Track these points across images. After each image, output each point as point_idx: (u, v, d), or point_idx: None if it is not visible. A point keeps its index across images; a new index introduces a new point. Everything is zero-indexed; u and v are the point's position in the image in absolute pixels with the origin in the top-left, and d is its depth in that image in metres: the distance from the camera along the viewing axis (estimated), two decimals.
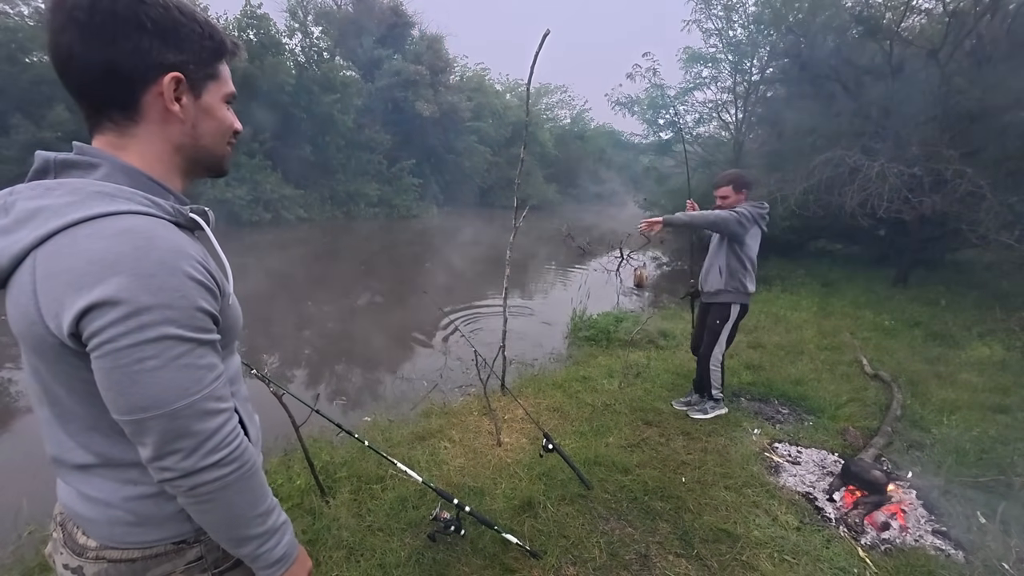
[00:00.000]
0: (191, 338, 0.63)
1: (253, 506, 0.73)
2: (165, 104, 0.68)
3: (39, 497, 2.57)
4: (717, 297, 3.24)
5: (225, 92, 0.76)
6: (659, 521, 2.35)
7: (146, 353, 0.60)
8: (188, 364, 0.63)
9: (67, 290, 0.58)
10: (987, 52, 7.56)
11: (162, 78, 0.66)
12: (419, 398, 4.14)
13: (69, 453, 0.71)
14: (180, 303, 0.62)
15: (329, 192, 20.43)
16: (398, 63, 23.54)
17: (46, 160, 0.66)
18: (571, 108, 41.01)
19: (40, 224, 0.60)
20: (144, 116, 0.68)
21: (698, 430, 3.25)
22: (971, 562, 2.15)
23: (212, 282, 0.67)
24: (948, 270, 9.29)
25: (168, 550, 0.74)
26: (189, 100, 0.71)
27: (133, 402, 0.61)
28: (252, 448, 0.73)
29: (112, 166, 0.66)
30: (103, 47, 0.63)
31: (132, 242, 0.60)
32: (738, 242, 3.07)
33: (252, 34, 17.20)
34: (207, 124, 0.74)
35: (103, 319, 0.58)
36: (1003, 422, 3.44)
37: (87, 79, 0.65)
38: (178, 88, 0.69)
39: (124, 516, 0.71)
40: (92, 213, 0.60)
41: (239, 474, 0.69)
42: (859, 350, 4.94)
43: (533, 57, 3.21)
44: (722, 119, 13.20)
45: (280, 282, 9.57)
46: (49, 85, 13.68)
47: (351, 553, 2.09)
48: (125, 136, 0.68)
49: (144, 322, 0.59)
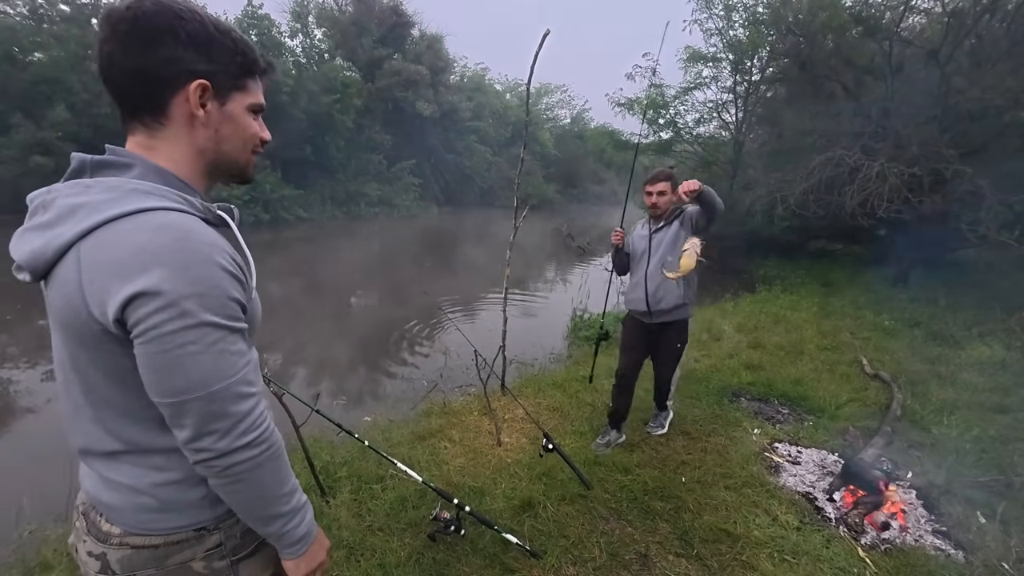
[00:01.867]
0: (225, 325, 0.68)
1: (280, 485, 0.77)
2: (191, 109, 0.73)
3: (39, 497, 2.57)
4: (676, 313, 2.77)
5: (250, 103, 0.80)
6: (659, 521, 2.35)
7: (188, 339, 0.65)
8: (223, 350, 0.68)
9: (112, 279, 0.62)
10: (987, 52, 7.56)
11: (190, 84, 0.72)
12: (419, 398, 4.14)
13: (98, 442, 0.74)
14: (215, 292, 0.67)
15: (329, 192, 20.45)
16: (398, 63, 23.56)
17: (82, 161, 0.71)
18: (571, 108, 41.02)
19: (82, 219, 0.64)
20: (172, 119, 0.73)
21: (698, 430, 3.25)
22: (971, 562, 2.15)
23: (241, 274, 0.72)
24: (948, 270, 9.27)
25: (189, 537, 0.77)
26: (214, 107, 0.75)
27: (176, 384, 0.66)
28: (277, 432, 0.76)
29: (145, 166, 0.71)
30: (140, 55, 0.69)
31: (171, 235, 0.64)
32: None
33: (253, 35, 17.21)
34: (229, 130, 0.78)
35: (147, 307, 0.62)
36: (1003, 422, 3.44)
37: (124, 84, 0.71)
38: (204, 95, 0.73)
39: (149, 502, 0.75)
40: (132, 208, 0.65)
41: (268, 454, 0.73)
42: (859, 350, 4.94)
43: (533, 57, 3.21)
44: (722, 119, 13.20)
45: (280, 282, 9.57)
46: (49, 84, 13.69)
47: (351, 553, 2.09)
48: (154, 138, 0.73)
49: (185, 310, 0.64)
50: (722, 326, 5.90)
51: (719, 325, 5.95)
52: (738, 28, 11.40)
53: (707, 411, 3.56)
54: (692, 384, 4.03)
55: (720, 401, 3.72)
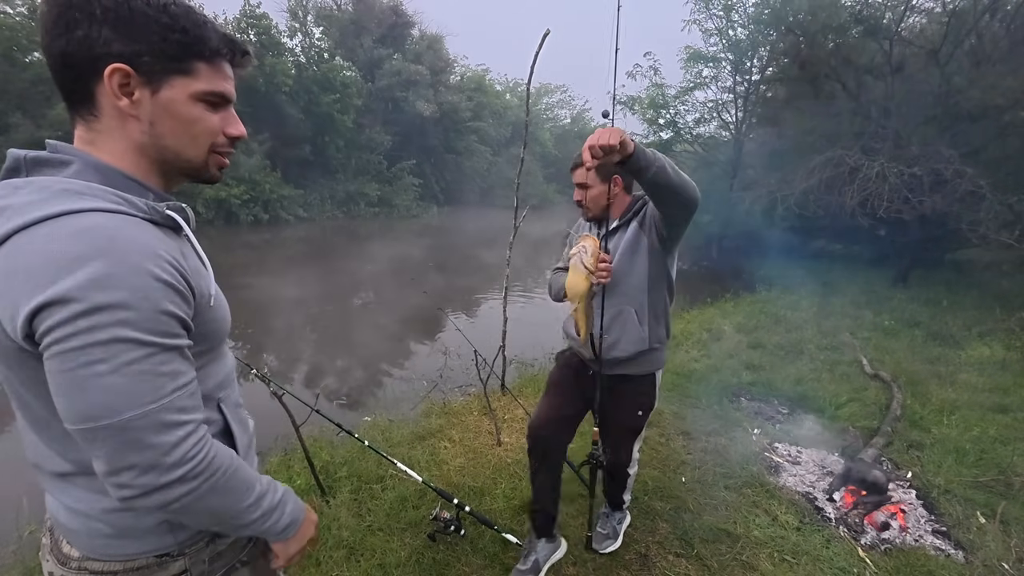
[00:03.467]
0: (150, 342, 0.59)
1: (238, 502, 0.71)
2: (113, 98, 0.64)
3: (39, 497, 2.57)
4: (639, 364, 1.78)
5: (198, 90, 0.67)
6: (659, 521, 2.35)
7: (95, 356, 0.56)
8: (145, 371, 0.59)
9: (22, 289, 0.55)
10: (987, 52, 7.56)
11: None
12: (419, 398, 4.14)
13: (47, 460, 0.69)
14: (140, 304, 0.58)
15: (329, 192, 20.45)
16: (398, 63, 23.56)
17: (17, 159, 0.63)
18: (571, 108, 41.02)
19: (1, 224, 0.57)
20: (102, 110, 0.65)
21: (698, 430, 3.25)
22: (971, 562, 2.15)
23: (183, 284, 0.63)
24: (948, 270, 9.28)
25: (150, 563, 0.71)
26: (144, 95, 0.65)
27: (80, 409, 0.57)
28: (224, 454, 0.68)
29: (84, 163, 0.64)
30: (59, 37, 0.61)
31: (92, 240, 0.57)
32: (670, 249, 1.68)
33: (252, 35, 17.21)
34: (167, 123, 0.67)
35: (53, 318, 0.55)
36: (1003, 422, 3.44)
37: (53, 71, 0.64)
38: (128, 81, 0.63)
39: (103, 528, 0.69)
40: (53, 211, 0.57)
41: (210, 484, 0.65)
42: (859, 350, 4.94)
43: (533, 57, 3.21)
44: (722, 119, 13.19)
45: (279, 282, 9.57)
46: (48, 84, 13.64)
47: (351, 553, 2.09)
48: (93, 131, 0.66)
49: (96, 323, 0.55)
50: (722, 326, 5.90)
51: (719, 325, 5.95)
52: (738, 28, 11.40)
53: (707, 411, 3.56)
54: (692, 384, 4.03)
55: (720, 401, 3.72)
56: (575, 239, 1.86)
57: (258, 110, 16.53)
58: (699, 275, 11.51)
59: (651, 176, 1.34)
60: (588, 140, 1.25)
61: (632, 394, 1.83)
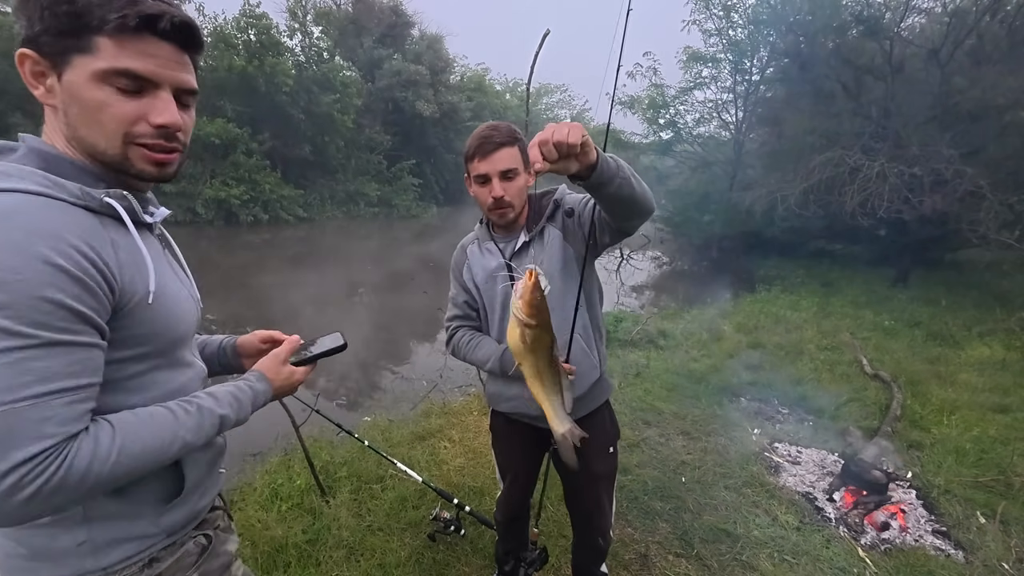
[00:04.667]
0: (20, 332, 0.52)
1: (163, 451, 0.63)
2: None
3: None
4: (592, 400, 1.49)
5: (99, 68, 0.59)
6: (659, 521, 2.35)
7: None
8: (7, 363, 0.52)
9: None
10: (987, 52, 7.56)
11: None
12: (419, 398, 4.14)
13: None
14: (18, 288, 0.52)
15: (329, 192, 20.44)
16: (398, 63, 23.54)
17: None
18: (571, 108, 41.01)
19: None
20: (39, 98, 0.63)
21: (698, 430, 3.25)
22: (971, 562, 2.15)
23: (95, 275, 0.57)
24: (948, 270, 9.28)
25: None
26: (54, 81, 0.60)
27: None
28: (85, 449, 0.57)
29: (28, 149, 0.62)
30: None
31: None
32: (594, 256, 1.37)
33: (252, 34, 17.20)
34: (73, 110, 0.61)
35: None
36: (1003, 422, 3.44)
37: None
38: (41, 68, 0.59)
39: (17, 548, 0.64)
40: None
41: (93, 482, 0.56)
42: (859, 350, 4.94)
43: (533, 57, 3.21)
44: (722, 119, 13.19)
45: (279, 282, 9.57)
46: None
47: (351, 553, 2.09)
48: (47, 120, 0.65)
49: None
50: (722, 326, 5.90)
51: (719, 325, 5.95)
52: (738, 28, 11.40)
53: (707, 411, 3.56)
54: (692, 384, 4.03)
55: (720, 401, 3.72)
56: (462, 261, 1.52)
57: (258, 110, 16.53)
58: (699, 275, 11.51)
59: (614, 190, 1.01)
60: (538, 136, 0.93)
61: (597, 433, 1.42)
